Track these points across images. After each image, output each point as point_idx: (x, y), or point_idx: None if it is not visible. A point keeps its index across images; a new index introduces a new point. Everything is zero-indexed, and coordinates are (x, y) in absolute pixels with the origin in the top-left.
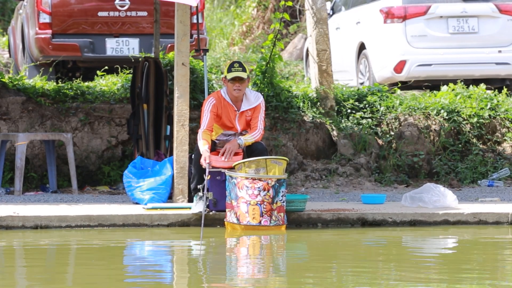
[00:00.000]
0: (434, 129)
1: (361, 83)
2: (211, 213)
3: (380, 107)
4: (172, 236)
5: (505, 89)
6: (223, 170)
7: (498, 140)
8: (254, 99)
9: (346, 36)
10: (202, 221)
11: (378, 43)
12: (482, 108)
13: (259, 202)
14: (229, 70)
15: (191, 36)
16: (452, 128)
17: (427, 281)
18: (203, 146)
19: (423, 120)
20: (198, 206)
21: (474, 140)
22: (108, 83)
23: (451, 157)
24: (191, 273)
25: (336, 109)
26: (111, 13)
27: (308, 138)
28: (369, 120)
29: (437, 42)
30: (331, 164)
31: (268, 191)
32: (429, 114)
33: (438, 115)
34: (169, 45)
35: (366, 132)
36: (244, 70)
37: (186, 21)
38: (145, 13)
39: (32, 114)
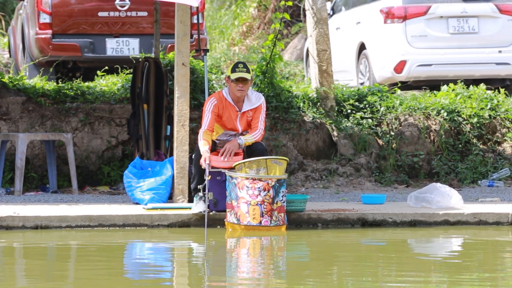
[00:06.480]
0: (434, 129)
1: (361, 83)
2: (211, 213)
3: (380, 107)
4: (172, 236)
5: (502, 90)
6: (223, 170)
7: (498, 140)
8: (255, 99)
9: (346, 36)
10: (206, 222)
11: (378, 43)
12: (482, 108)
13: (259, 202)
14: (233, 70)
15: (191, 36)
16: (452, 128)
17: (427, 282)
18: (204, 147)
19: (423, 120)
20: (198, 206)
21: (474, 140)
22: (108, 83)
23: (451, 157)
24: (192, 273)
25: (336, 109)
26: (111, 13)
27: (308, 138)
28: (369, 120)
29: (437, 42)
30: (331, 164)
31: (268, 191)
32: (429, 114)
33: (438, 115)
34: (169, 45)
35: (366, 132)
36: (248, 71)
37: (186, 21)
38: (145, 13)
39: (32, 114)
